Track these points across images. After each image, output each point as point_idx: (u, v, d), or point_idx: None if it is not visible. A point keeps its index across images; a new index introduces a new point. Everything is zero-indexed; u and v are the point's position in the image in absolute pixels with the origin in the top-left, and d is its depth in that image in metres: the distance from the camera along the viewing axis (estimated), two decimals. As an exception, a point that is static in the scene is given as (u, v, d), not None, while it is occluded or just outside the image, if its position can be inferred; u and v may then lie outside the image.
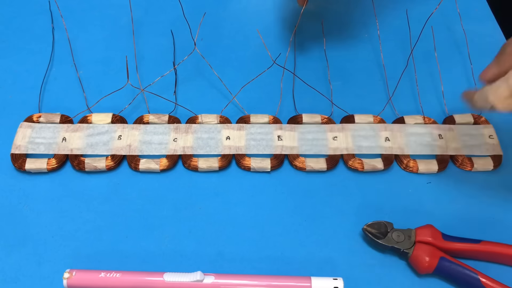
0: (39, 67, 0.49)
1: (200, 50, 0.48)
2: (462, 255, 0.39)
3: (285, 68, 0.48)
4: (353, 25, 0.54)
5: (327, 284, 0.36)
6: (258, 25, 0.54)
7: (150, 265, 0.38)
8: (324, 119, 0.46)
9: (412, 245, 0.38)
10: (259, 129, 0.45)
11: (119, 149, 0.43)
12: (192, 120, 0.46)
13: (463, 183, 0.44)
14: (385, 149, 0.44)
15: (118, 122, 0.45)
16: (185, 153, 0.43)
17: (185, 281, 0.35)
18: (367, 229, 0.39)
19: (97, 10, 0.54)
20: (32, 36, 0.51)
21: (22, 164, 0.42)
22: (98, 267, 0.37)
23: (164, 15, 0.54)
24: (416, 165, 0.44)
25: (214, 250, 0.39)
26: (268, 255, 0.39)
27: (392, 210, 0.42)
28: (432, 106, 0.48)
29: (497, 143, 0.45)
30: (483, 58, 0.52)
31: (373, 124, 0.46)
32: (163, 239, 0.39)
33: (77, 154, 0.43)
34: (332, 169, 0.44)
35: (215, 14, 0.54)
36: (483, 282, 0.36)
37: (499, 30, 0.55)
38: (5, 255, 0.38)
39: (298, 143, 0.44)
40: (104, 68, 0.49)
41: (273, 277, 0.36)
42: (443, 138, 0.45)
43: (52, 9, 0.53)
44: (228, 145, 0.44)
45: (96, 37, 0.52)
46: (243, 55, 0.51)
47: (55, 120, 0.45)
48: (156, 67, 0.49)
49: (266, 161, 0.43)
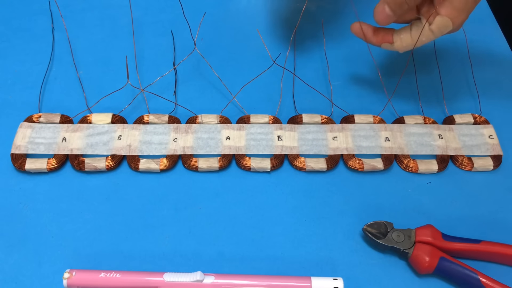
0: (39, 67, 0.49)
1: (200, 50, 0.48)
2: (462, 255, 0.39)
3: (285, 68, 0.48)
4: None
5: (327, 284, 0.36)
6: (258, 25, 0.54)
7: (150, 265, 0.38)
8: (324, 119, 0.46)
9: (412, 245, 0.38)
10: (259, 129, 0.45)
11: (119, 149, 0.43)
12: (192, 120, 0.46)
13: (463, 183, 0.44)
14: (385, 149, 0.44)
15: (118, 122, 0.45)
16: (185, 153, 0.43)
17: (185, 281, 0.35)
18: (367, 229, 0.39)
19: (97, 10, 0.54)
20: (32, 36, 0.51)
21: (22, 164, 0.42)
22: (98, 267, 0.37)
23: (164, 15, 0.54)
24: (416, 165, 0.44)
25: (214, 250, 0.39)
26: (268, 255, 0.39)
27: (392, 210, 0.42)
28: (432, 106, 0.48)
29: (497, 143, 0.45)
30: (483, 58, 0.52)
31: (373, 124, 0.46)
32: (163, 239, 0.39)
33: (77, 154, 0.43)
34: (332, 169, 0.44)
35: (215, 14, 0.54)
36: (483, 282, 0.36)
37: (499, 30, 0.55)
38: (5, 255, 0.38)
39: (298, 143, 0.44)
40: (104, 68, 0.49)
41: (273, 277, 0.36)
42: (443, 138, 0.45)
43: (52, 9, 0.53)
44: (228, 145, 0.44)
45: (96, 37, 0.52)
46: (243, 55, 0.51)
47: (55, 120, 0.45)
48: (156, 67, 0.50)
49: (266, 161, 0.43)
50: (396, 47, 0.43)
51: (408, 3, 0.39)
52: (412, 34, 0.41)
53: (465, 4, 0.38)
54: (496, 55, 0.53)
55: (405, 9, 0.39)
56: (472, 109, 0.48)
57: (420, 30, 0.41)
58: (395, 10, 0.39)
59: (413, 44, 0.42)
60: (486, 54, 0.53)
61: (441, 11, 0.39)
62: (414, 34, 0.41)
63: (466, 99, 0.49)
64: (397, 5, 0.39)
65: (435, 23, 0.40)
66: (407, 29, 0.42)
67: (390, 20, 0.40)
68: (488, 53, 0.53)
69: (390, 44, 0.43)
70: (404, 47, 0.43)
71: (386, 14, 0.40)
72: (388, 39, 0.43)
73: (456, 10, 0.38)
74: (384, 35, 0.43)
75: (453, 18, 0.39)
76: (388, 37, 0.43)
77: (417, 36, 0.41)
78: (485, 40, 0.54)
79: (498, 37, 0.54)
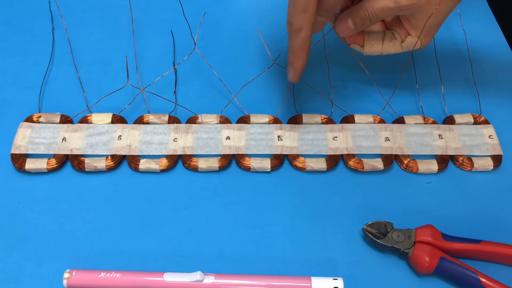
0: (39, 67, 0.49)
1: (200, 50, 0.48)
2: (462, 255, 0.39)
3: (285, 68, 0.48)
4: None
5: (327, 284, 0.36)
6: (258, 25, 0.54)
7: (150, 265, 0.38)
8: (324, 119, 0.46)
9: (412, 245, 0.38)
10: (259, 129, 0.45)
11: (119, 149, 0.43)
12: (192, 120, 0.46)
13: (463, 183, 0.44)
14: (385, 149, 0.44)
15: (118, 122, 0.45)
16: (185, 153, 0.43)
17: (185, 281, 0.35)
18: (367, 229, 0.39)
19: (97, 10, 0.54)
20: (32, 36, 0.51)
21: (22, 164, 0.42)
22: (98, 267, 0.37)
23: (164, 15, 0.54)
24: (416, 165, 0.44)
25: (214, 250, 0.39)
26: (268, 255, 0.39)
27: (392, 210, 0.42)
28: (432, 106, 0.48)
29: (497, 143, 0.45)
30: (483, 58, 0.52)
31: (373, 124, 0.46)
32: (163, 239, 0.39)
33: (77, 154, 0.43)
34: (332, 169, 0.44)
35: (215, 14, 0.54)
36: (483, 282, 0.36)
37: (499, 30, 0.55)
38: (5, 255, 0.38)
39: (298, 143, 0.44)
40: (104, 68, 0.49)
41: (273, 277, 0.36)
42: (443, 138, 0.45)
43: (52, 9, 0.53)
44: (228, 145, 0.44)
45: (96, 37, 0.52)
46: (243, 55, 0.51)
47: (55, 120, 0.45)
48: (156, 67, 0.50)
49: (266, 161, 0.43)
50: (364, 50, 0.44)
51: (371, 20, 0.40)
52: (383, 43, 0.43)
53: (429, 29, 0.41)
54: (496, 55, 0.53)
55: (367, 26, 0.41)
56: (472, 109, 0.48)
57: (390, 41, 0.43)
58: (358, 24, 0.41)
59: (381, 52, 0.44)
60: (486, 54, 0.53)
61: (411, 33, 0.42)
62: (386, 44, 0.43)
63: (466, 99, 0.49)
64: (360, 20, 0.40)
65: (406, 42, 0.43)
66: (378, 37, 0.44)
67: (351, 33, 0.42)
68: (488, 53, 0.53)
69: (359, 47, 0.44)
70: (371, 52, 0.44)
71: (348, 28, 0.41)
72: (359, 42, 0.44)
73: (423, 34, 0.42)
74: (356, 37, 0.44)
75: (421, 39, 0.42)
76: (360, 40, 0.44)
77: (388, 46, 0.43)
78: (485, 40, 0.54)
79: (498, 37, 0.54)
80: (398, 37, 0.43)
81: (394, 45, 0.43)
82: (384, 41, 0.43)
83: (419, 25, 0.41)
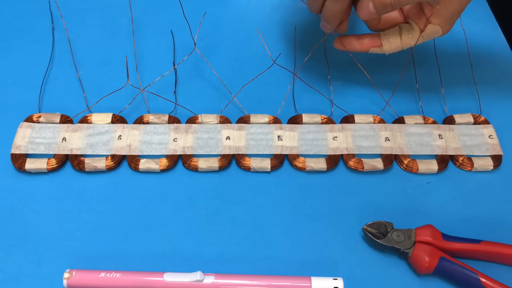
0: (39, 67, 0.49)
1: (200, 50, 0.48)
2: (462, 255, 0.39)
3: (285, 68, 0.48)
4: (353, 24, 0.54)
5: (327, 284, 0.36)
6: (258, 25, 0.54)
7: (150, 265, 0.38)
8: (324, 119, 0.46)
9: (412, 245, 0.38)
10: (259, 129, 0.45)
11: (119, 149, 0.43)
12: (192, 120, 0.46)
13: (463, 183, 0.44)
14: (385, 149, 0.44)
15: (118, 122, 0.45)
16: (185, 153, 0.43)
17: (185, 281, 0.35)
18: (367, 229, 0.39)
19: (97, 10, 0.54)
20: (32, 36, 0.51)
21: (22, 164, 0.42)
22: (98, 267, 0.37)
23: (164, 15, 0.54)
24: (416, 165, 0.44)
25: (214, 250, 0.39)
26: (268, 255, 0.39)
27: (392, 210, 0.42)
28: (432, 106, 0.48)
29: (497, 143, 0.45)
30: (483, 58, 0.52)
31: (373, 124, 0.46)
32: (163, 239, 0.40)
33: (77, 154, 0.43)
34: (332, 169, 0.44)
35: (215, 14, 0.54)
36: (483, 282, 0.36)
37: (499, 30, 0.55)
38: (5, 255, 0.38)
39: (298, 143, 0.44)
40: (104, 68, 0.49)
41: (273, 277, 0.36)
42: (443, 138, 0.45)
43: (52, 9, 0.53)
44: (228, 145, 0.44)
45: (96, 37, 0.52)
46: (243, 55, 0.51)
47: (55, 120, 0.45)
48: (156, 67, 0.50)
49: (266, 161, 0.43)
50: (384, 49, 0.44)
51: (393, 5, 0.40)
52: (402, 38, 0.43)
53: (452, 16, 0.41)
54: (496, 55, 0.53)
55: (388, 11, 0.40)
56: (472, 109, 0.48)
57: (408, 34, 0.43)
58: (379, 9, 0.40)
59: (402, 47, 0.44)
60: (486, 54, 0.53)
61: (432, 21, 0.41)
62: (405, 38, 0.43)
63: (466, 99, 0.49)
64: (382, 5, 0.40)
65: (427, 30, 0.42)
66: (395, 32, 0.44)
67: (371, 17, 0.41)
68: (488, 53, 0.53)
69: (378, 48, 0.44)
70: (392, 49, 0.44)
71: (370, 11, 0.41)
72: (377, 43, 0.44)
73: (445, 21, 0.41)
74: (371, 40, 0.44)
75: (443, 27, 0.42)
76: (377, 41, 0.44)
77: (407, 39, 0.43)
78: (485, 40, 0.54)
79: (498, 37, 0.54)
80: (416, 28, 0.43)
81: (414, 36, 0.43)
82: (402, 35, 0.43)
83: (442, 12, 0.40)
